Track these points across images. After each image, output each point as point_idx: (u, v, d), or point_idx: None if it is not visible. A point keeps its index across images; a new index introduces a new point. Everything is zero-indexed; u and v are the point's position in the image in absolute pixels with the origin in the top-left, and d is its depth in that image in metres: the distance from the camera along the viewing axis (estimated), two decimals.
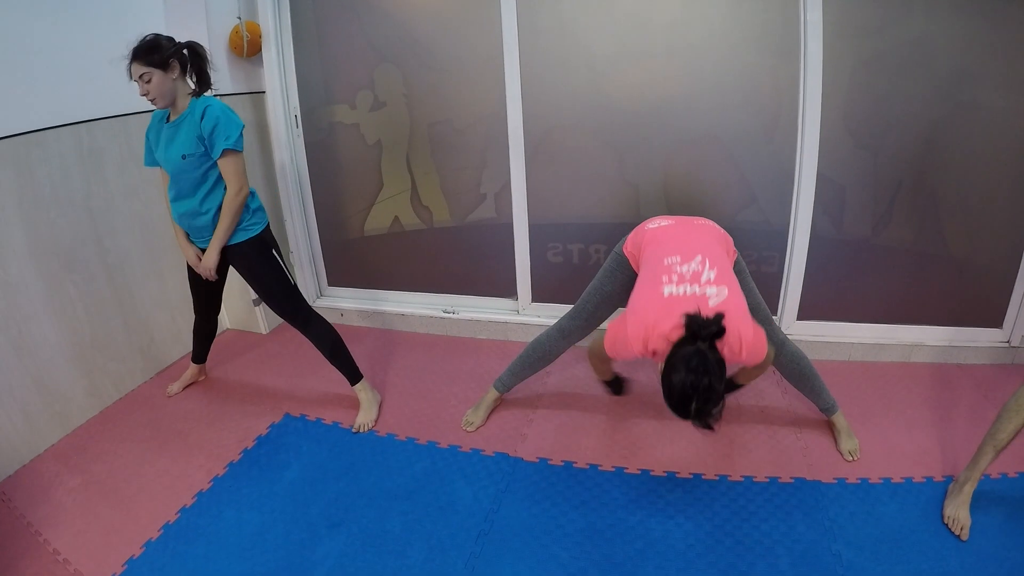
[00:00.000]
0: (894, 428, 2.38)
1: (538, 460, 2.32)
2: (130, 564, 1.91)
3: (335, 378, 2.65)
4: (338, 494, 2.19)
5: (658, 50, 2.66)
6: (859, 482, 2.10)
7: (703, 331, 1.57)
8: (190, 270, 2.51)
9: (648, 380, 2.77)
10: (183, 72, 2.14)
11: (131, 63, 2.05)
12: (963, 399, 2.56)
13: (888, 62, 2.46)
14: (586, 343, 2.32)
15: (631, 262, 2.08)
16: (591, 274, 2.34)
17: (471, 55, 2.90)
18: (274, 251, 2.41)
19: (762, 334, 1.75)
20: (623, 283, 2.11)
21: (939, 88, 2.46)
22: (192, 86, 2.21)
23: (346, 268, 3.62)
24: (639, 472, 2.21)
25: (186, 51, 2.13)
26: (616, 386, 2.68)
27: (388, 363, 3.12)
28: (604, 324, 2.26)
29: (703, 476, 2.17)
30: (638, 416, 2.56)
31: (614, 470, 2.23)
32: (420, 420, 2.62)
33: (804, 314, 2.90)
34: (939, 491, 2.01)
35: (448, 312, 3.37)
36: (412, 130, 3.14)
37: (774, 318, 2.44)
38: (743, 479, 2.14)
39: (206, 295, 2.61)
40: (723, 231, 2.13)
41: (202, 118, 2.12)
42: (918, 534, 1.85)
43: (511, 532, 1.97)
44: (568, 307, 2.35)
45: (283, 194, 3.39)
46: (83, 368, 2.69)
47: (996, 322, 2.77)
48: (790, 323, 2.91)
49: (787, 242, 2.78)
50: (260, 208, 2.40)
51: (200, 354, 2.90)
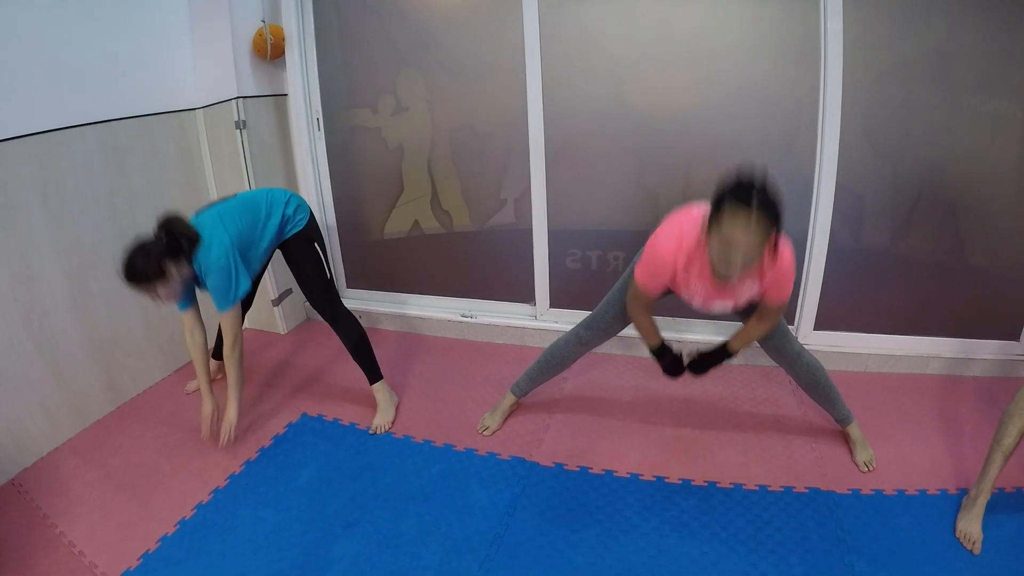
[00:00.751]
0: (909, 440, 2.37)
1: (554, 465, 2.32)
2: (145, 558, 1.93)
3: (353, 378, 2.67)
4: (354, 494, 2.20)
5: (679, 58, 2.68)
6: (873, 493, 2.09)
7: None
8: None
9: (663, 391, 2.78)
10: (175, 256, 2.05)
11: (132, 287, 2.04)
12: (978, 411, 2.54)
13: (908, 72, 2.46)
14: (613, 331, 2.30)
15: None
16: (609, 281, 2.34)
17: (493, 60, 2.92)
18: (316, 244, 2.48)
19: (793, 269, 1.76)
20: None
21: (959, 98, 2.45)
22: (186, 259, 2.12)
23: (365, 270, 3.64)
24: (654, 479, 2.21)
25: (164, 238, 2.04)
26: (667, 359, 2.16)
27: (406, 365, 3.14)
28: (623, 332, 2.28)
29: (718, 484, 2.17)
30: (655, 423, 2.56)
31: (629, 476, 2.23)
32: (437, 423, 2.63)
33: (821, 324, 2.89)
34: (953, 504, 1.99)
35: (466, 316, 3.39)
36: (434, 135, 3.16)
37: (790, 328, 2.43)
38: (758, 488, 2.14)
39: None
40: None
41: (206, 278, 2.17)
42: (931, 547, 1.84)
43: (526, 536, 1.97)
44: (586, 313, 2.35)
45: (304, 196, 3.41)
46: (102, 363, 2.73)
47: (1013, 334, 2.75)
48: (807, 333, 2.90)
49: (805, 251, 2.77)
50: (299, 206, 2.46)
51: (220, 351, 2.92)
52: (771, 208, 1.53)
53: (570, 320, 2.85)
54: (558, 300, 3.24)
